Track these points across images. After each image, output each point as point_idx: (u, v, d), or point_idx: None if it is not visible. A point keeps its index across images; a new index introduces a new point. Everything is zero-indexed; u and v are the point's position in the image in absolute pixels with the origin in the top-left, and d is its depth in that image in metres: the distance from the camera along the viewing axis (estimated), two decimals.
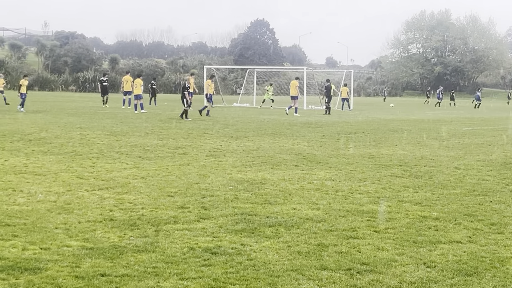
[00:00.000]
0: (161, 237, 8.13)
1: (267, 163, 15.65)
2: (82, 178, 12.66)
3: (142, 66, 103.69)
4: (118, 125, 26.27)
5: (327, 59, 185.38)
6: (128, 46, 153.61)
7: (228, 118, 34.17)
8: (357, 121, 34.50)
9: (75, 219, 9.05)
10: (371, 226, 9.08)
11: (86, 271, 6.63)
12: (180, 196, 10.95)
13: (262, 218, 9.42)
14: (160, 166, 14.55)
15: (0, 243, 7.62)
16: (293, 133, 24.77)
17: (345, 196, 11.42)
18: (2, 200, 10.20)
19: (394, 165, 15.76)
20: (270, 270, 6.83)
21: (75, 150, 17.11)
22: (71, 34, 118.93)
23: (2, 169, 13.52)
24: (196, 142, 20.22)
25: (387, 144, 21.23)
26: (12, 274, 6.50)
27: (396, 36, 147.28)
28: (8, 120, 27.14)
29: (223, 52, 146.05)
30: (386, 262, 7.24)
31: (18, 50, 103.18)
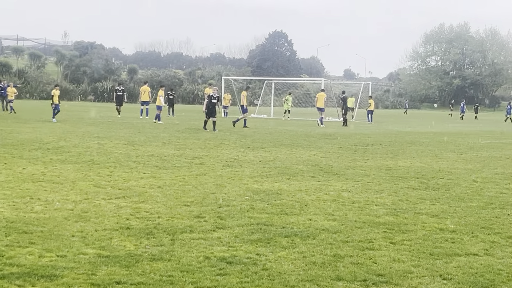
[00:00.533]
0: (177, 246, 8.14)
1: (283, 173, 15.65)
2: (99, 186, 12.71)
3: (160, 77, 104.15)
4: (135, 135, 26.38)
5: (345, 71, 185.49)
6: (147, 57, 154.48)
7: (245, 129, 34.20)
8: (375, 133, 34.41)
9: (91, 227, 9.09)
10: (387, 237, 9.04)
11: (102, 279, 6.66)
12: (197, 206, 10.97)
13: (278, 228, 9.41)
14: (176, 176, 14.58)
15: (17, 250, 7.67)
16: (310, 144, 24.75)
17: (362, 207, 11.38)
18: (20, 208, 10.26)
19: (411, 177, 15.70)
20: (285, 280, 6.82)
21: (92, 159, 17.20)
22: (91, 44, 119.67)
23: (20, 177, 13.61)
24: (213, 153, 20.26)
25: (404, 156, 21.15)
26: (28, 281, 6.53)
27: (414, 49, 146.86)
28: (27, 129, 27.32)
29: (241, 63, 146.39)
30: (402, 274, 7.20)
31: (38, 59, 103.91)
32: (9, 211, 9.96)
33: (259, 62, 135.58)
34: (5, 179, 13.22)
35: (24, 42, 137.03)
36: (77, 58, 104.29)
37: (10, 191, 11.78)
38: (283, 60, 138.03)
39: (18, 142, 21.28)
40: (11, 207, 10.28)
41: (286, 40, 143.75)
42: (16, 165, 15.47)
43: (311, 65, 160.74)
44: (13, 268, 6.92)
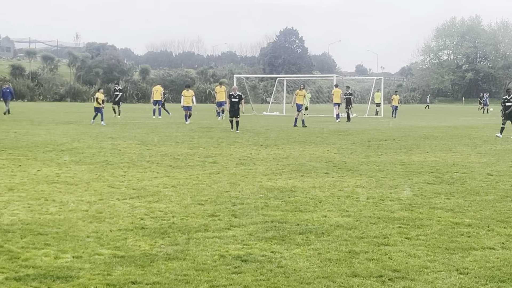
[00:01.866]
0: (191, 245, 8.14)
1: (297, 171, 15.63)
2: (114, 187, 12.74)
3: (172, 76, 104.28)
4: (148, 135, 26.43)
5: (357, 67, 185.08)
6: (159, 57, 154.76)
7: (257, 126, 34.20)
8: (388, 128, 34.32)
9: (106, 227, 9.11)
10: (403, 233, 9.01)
11: (118, 279, 6.67)
12: (211, 204, 10.97)
13: (292, 225, 9.40)
14: (190, 175, 14.59)
15: (33, 252, 7.69)
16: (323, 141, 24.72)
17: (376, 203, 11.35)
18: (35, 209, 10.30)
19: (426, 172, 15.64)
20: (300, 277, 6.81)
21: (106, 160, 17.24)
22: (102, 45, 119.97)
23: (35, 179, 13.66)
24: (226, 151, 20.26)
25: (418, 151, 21.08)
26: (44, 282, 6.55)
27: (426, 43, 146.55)
28: (41, 131, 27.42)
29: (252, 61, 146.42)
30: (418, 269, 7.17)
31: (51, 62, 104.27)
32: (24, 213, 10.00)
33: (271, 60, 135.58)
34: (20, 181, 13.28)
35: (36, 44, 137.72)
36: (89, 59, 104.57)
37: (25, 193, 11.83)
38: (295, 57, 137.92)
39: (32, 144, 21.37)
40: (26, 209, 10.32)
41: (297, 37, 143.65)
42: (31, 167, 15.54)
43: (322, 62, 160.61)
44: (29, 270, 6.95)
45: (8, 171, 14.68)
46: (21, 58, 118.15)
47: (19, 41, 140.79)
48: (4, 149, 19.36)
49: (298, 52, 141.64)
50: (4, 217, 9.64)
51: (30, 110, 44.44)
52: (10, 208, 10.39)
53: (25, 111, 47.59)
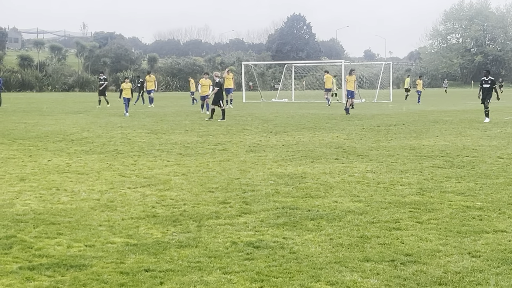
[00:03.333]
0: (203, 232, 8.17)
1: (307, 157, 15.63)
2: (124, 176, 12.78)
3: (180, 65, 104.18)
4: (158, 123, 26.46)
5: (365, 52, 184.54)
6: (166, 45, 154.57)
7: (267, 113, 34.18)
8: (397, 113, 34.23)
9: (118, 216, 9.15)
10: (414, 217, 9.01)
11: (131, 267, 6.70)
12: (221, 192, 11.00)
13: (303, 211, 9.41)
14: (200, 163, 14.62)
15: (46, 241, 7.73)
16: (333, 127, 24.69)
17: (387, 188, 11.35)
18: (47, 199, 10.35)
19: (436, 156, 15.62)
20: (313, 263, 6.82)
21: (116, 149, 17.28)
22: (110, 34, 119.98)
23: (46, 169, 13.71)
24: (235, 138, 20.27)
25: (428, 135, 21.03)
26: (58, 271, 6.59)
27: (434, 27, 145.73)
28: (50, 121, 27.49)
29: (260, 48, 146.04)
30: (430, 253, 7.18)
31: (58, 52, 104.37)
32: (36, 203, 10.04)
33: (279, 46, 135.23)
34: (31, 171, 13.33)
35: (44, 35, 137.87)
36: (97, 49, 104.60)
37: (37, 183, 11.88)
38: (303, 44, 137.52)
39: (42, 134, 21.44)
40: (38, 199, 10.37)
41: (305, 23, 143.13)
42: (41, 157, 15.59)
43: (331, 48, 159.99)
44: (43, 259, 6.98)
45: (19, 162, 14.74)
46: (29, 48, 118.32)
47: (26, 31, 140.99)
48: (14, 140, 19.43)
49: (306, 38, 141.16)
50: (17, 207, 9.70)
51: (39, 101, 44.53)
52: (22, 198, 10.44)
53: (34, 102, 47.68)
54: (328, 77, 46.71)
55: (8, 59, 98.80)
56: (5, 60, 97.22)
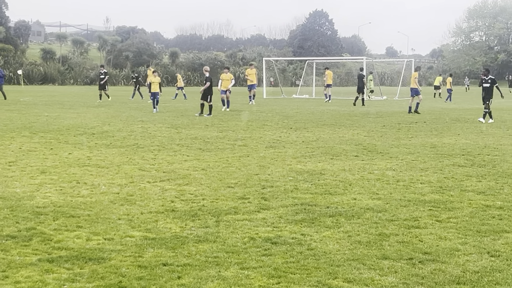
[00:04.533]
0: (221, 228, 8.18)
1: (326, 153, 15.60)
2: (144, 170, 12.83)
3: (202, 60, 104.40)
4: (178, 118, 26.52)
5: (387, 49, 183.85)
6: (188, 40, 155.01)
7: (287, 109, 34.14)
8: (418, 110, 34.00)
9: (137, 210, 9.18)
10: (433, 215, 8.96)
11: (149, 261, 6.72)
12: (240, 187, 11.00)
13: (322, 208, 9.39)
14: (220, 158, 14.63)
15: (65, 234, 7.78)
16: (353, 124, 24.62)
17: (406, 186, 11.30)
18: (67, 192, 10.41)
19: (457, 155, 15.53)
20: (330, 260, 6.81)
21: (137, 143, 17.35)
22: (132, 29, 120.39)
23: (67, 162, 13.80)
24: (255, 134, 20.27)
25: (449, 134, 20.91)
26: (76, 264, 6.63)
27: (458, 24, 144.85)
28: (72, 115, 27.65)
29: (281, 44, 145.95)
30: (449, 252, 7.14)
31: (81, 45, 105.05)
32: (57, 196, 10.11)
33: (300, 42, 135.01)
34: (52, 164, 13.42)
35: (67, 28, 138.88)
36: (119, 43, 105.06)
37: (57, 176, 11.96)
38: (324, 40, 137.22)
39: (63, 127, 21.57)
40: (58, 192, 10.43)
41: (327, 19, 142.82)
42: (62, 150, 15.69)
43: (352, 44, 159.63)
44: (62, 252, 7.03)
45: (40, 154, 14.84)
46: (52, 42, 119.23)
47: (49, 25, 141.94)
48: (35, 133, 19.57)
49: (328, 34, 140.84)
50: (37, 200, 9.76)
51: (61, 94, 44.80)
52: (42, 191, 10.51)
53: (56, 95, 47.99)
54: (329, 73, 47.27)
55: (31, 52, 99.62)
56: (28, 53, 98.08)
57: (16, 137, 18.38)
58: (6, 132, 19.70)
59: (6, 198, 9.81)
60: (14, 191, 10.43)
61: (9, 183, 11.08)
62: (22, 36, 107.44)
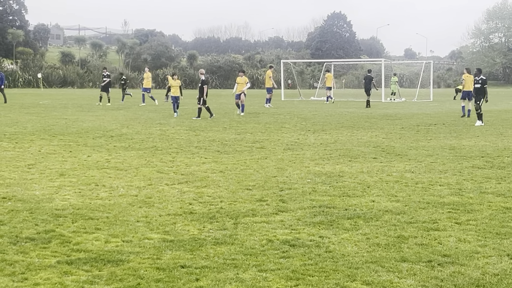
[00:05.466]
0: (239, 230, 8.18)
1: (345, 156, 15.56)
2: (162, 172, 12.85)
3: (219, 62, 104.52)
4: (196, 121, 26.55)
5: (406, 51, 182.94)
6: (206, 43, 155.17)
7: (305, 111, 34.10)
8: (437, 113, 33.90)
9: (155, 212, 9.20)
10: (452, 218, 8.91)
11: (167, 263, 6.73)
12: (258, 189, 11.00)
13: (340, 210, 9.37)
14: (238, 160, 14.64)
15: (84, 236, 7.82)
16: (371, 126, 24.54)
17: (425, 188, 11.24)
18: (86, 195, 10.46)
19: (476, 157, 15.43)
20: (349, 262, 6.79)
21: (155, 146, 17.40)
22: (150, 32, 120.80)
23: (85, 164, 13.86)
24: (273, 136, 20.27)
25: (468, 135, 20.79)
26: (95, 266, 6.65)
27: (477, 26, 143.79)
28: (90, 117, 27.79)
29: (299, 46, 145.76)
30: (468, 254, 7.09)
31: (99, 48, 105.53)
32: (75, 198, 10.16)
33: (318, 45, 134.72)
34: (71, 166, 13.49)
35: (85, 31, 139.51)
36: (138, 46, 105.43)
37: (76, 178, 12.01)
38: (342, 42, 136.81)
39: (82, 130, 21.68)
40: (77, 194, 10.48)
41: (345, 21, 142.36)
42: (81, 152, 15.77)
43: (371, 46, 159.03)
44: (80, 254, 7.06)
45: (59, 157, 14.92)
46: (71, 45, 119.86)
47: (68, 28, 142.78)
48: (55, 135, 19.68)
49: (346, 36, 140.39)
50: (56, 202, 9.81)
51: (80, 97, 45.03)
52: (61, 193, 10.57)
53: (74, 98, 48.26)
54: (329, 75, 48.81)
55: (50, 56, 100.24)
56: (47, 57, 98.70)
57: (36, 140, 18.49)
58: (26, 135, 19.82)
59: (26, 201, 9.87)
60: (34, 193, 10.49)
61: (29, 186, 11.15)
62: (41, 39, 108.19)
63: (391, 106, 41.78)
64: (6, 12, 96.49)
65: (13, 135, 19.54)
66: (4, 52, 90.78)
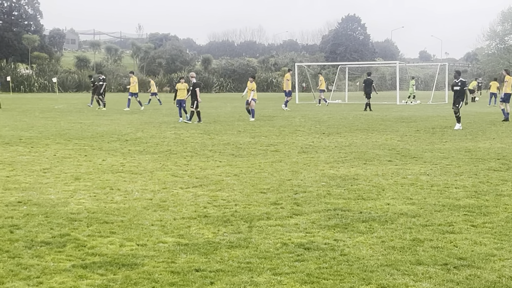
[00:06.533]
0: (254, 233, 8.17)
1: (359, 158, 15.51)
2: (177, 176, 12.87)
3: (234, 66, 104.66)
4: (211, 124, 26.59)
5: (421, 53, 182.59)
6: (220, 46, 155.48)
7: (320, 114, 34.05)
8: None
9: (170, 216, 9.21)
10: (468, 220, 8.86)
11: (182, 267, 6.73)
12: (273, 193, 10.98)
13: (355, 213, 9.34)
14: (252, 164, 14.63)
15: (99, 240, 7.83)
16: (386, 128, 24.47)
17: (441, 190, 11.18)
18: (101, 198, 10.48)
19: (492, 159, 15.34)
20: (364, 265, 6.76)
21: (169, 149, 17.42)
22: (165, 36, 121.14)
23: (100, 168, 13.89)
24: (288, 139, 20.25)
25: (484, 138, 20.69)
26: (110, 269, 6.66)
27: (492, 28, 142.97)
28: (105, 121, 27.88)
29: (314, 49, 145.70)
30: (484, 257, 7.04)
31: (114, 53, 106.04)
32: (90, 202, 10.18)
33: (333, 47, 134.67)
34: (86, 170, 13.53)
35: (100, 36, 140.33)
36: (152, 50, 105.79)
37: (91, 182, 12.05)
38: (357, 45, 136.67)
39: (97, 134, 21.75)
40: (92, 198, 10.51)
41: (360, 24, 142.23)
42: (96, 156, 15.82)
43: (385, 49, 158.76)
44: (95, 258, 7.07)
45: (74, 161, 14.97)
46: (86, 49, 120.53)
47: (83, 33, 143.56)
48: (70, 140, 19.76)
49: (360, 39, 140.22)
50: (71, 206, 9.84)
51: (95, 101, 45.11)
52: (76, 197, 10.60)
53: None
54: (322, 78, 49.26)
55: (65, 60, 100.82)
56: (63, 61, 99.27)
57: (51, 144, 18.57)
58: (41, 139, 19.91)
59: (41, 205, 9.91)
60: (49, 197, 10.53)
61: (44, 190, 11.19)
62: (56, 44, 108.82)
63: (406, 108, 41.64)
64: (21, 17, 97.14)
65: (29, 140, 19.64)
66: (19, 56, 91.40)
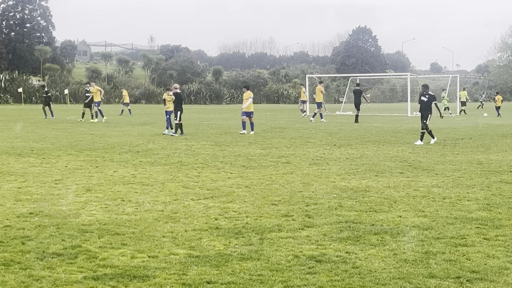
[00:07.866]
0: (265, 245, 8.15)
1: (371, 170, 15.47)
2: (188, 187, 12.87)
3: (245, 77, 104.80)
4: (222, 136, 26.60)
5: (432, 65, 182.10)
6: (231, 58, 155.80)
7: (330, 126, 34.01)
8: (464, 127, 33.65)
9: (181, 227, 9.20)
10: (481, 233, 8.81)
11: (193, 279, 6.72)
12: (284, 205, 10.96)
13: (367, 226, 9.30)
14: (263, 175, 14.61)
15: (110, 252, 7.83)
16: (397, 140, 24.41)
17: (453, 203, 11.13)
18: (112, 210, 10.49)
19: (504, 171, 15.27)
20: (376, 278, 6.73)
21: (180, 161, 17.43)
22: (176, 47, 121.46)
23: (112, 179, 13.91)
24: (299, 151, 20.22)
25: (496, 150, 20.60)
26: (121, 281, 6.65)
27: (503, 40, 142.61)
28: (117, 133, 27.94)
29: (325, 61, 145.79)
30: (497, 270, 7.00)
31: (126, 64, 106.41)
32: (102, 214, 10.19)
33: (343, 59, 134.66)
34: (97, 182, 13.55)
35: (112, 48, 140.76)
36: (163, 61, 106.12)
37: (102, 193, 12.06)
38: (368, 56, 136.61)
39: (108, 145, 21.80)
40: (103, 210, 10.52)
41: (370, 35, 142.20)
42: (107, 168, 15.84)
43: (396, 60, 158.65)
44: (107, 269, 7.07)
45: (86, 172, 15.00)
46: (97, 61, 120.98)
47: (95, 44, 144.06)
48: (81, 151, 19.81)
49: (371, 51, 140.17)
50: (82, 218, 9.85)
51: (106, 112, 45.24)
52: (88, 208, 10.61)
53: None
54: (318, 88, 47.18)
55: (77, 72, 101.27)
56: (74, 73, 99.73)
57: (62, 155, 18.62)
58: (53, 150, 19.97)
59: (52, 216, 9.93)
60: (60, 209, 10.55)
61: (55, 201, 11.21)
62: (68, 55, 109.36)
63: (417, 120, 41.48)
64: (33, 28, 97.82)
65: (40, 151, 19.70)
66: (31, 68, 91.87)
